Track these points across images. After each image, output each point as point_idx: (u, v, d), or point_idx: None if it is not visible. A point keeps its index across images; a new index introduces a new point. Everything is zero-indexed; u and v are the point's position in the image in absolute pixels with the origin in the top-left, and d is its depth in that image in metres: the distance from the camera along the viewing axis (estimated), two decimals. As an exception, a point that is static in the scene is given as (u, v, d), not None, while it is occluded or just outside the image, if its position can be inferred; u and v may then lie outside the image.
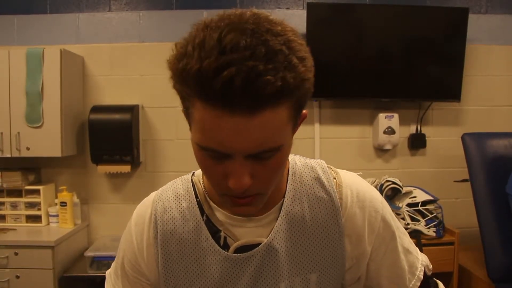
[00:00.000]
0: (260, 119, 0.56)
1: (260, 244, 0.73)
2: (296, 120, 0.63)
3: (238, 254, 0.73)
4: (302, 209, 0.75)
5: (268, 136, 0.58)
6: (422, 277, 0.81)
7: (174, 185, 0.81)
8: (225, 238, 0.74)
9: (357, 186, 0.79)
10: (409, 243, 0.82)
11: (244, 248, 0.73)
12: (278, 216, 0.75)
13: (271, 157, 0.61)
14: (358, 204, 0.77)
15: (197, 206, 0.77)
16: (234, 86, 0.52)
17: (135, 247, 0.79)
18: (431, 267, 0.84)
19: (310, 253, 0.75)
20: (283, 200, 0.75)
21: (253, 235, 0.74)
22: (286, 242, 0.74)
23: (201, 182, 0.80)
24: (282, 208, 0.75)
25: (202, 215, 0.76)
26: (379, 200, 0.79)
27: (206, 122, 0.57)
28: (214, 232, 0.75)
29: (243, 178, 0.60)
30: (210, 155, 0.61)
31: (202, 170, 0.66)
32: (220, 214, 0.76)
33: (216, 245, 0.74)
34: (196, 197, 0.78)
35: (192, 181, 0.80)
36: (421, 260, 0.82)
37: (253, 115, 0.55)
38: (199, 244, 0.75)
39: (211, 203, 0.77)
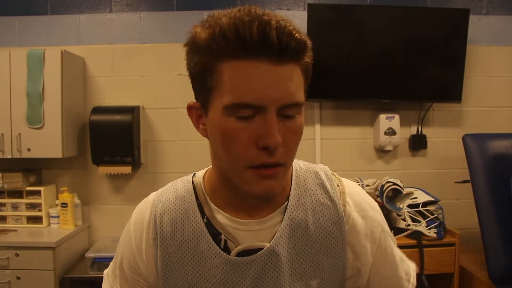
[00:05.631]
0: (286, 70, 0.62)
1: (262, 248, 0.73)
2: (304, 92, 0.67)
3: (240, 258, 0.73)
4: (306, 215, 0.75)
5: (294, 89, 0.63)
6: (415, 283, 0.82)
7: (175, 186, 0.81)
8: (225, 241, 0.74)
9: (359, 194, 0.80)
10: (399, 250, 0.84)
11: (246, 252, 0.73)
12: (281, 220, 0.74)
13: (295, 116, 0.65)
14: (361, 213, 0.77)
15: (197, 208, 0.76)
16: (269, 33, 0.59)
17: (134, 248, 0.78)
18: (416, 270, 0.86)
19: (312, 260, 0.74)
20: (287, 204, 0.75)
21: (254, 239, 0.73)
22: (289, 247, 0.73)
23: (202, 184, 0.79)
24: (286, 213, 0.74)
25: (203, 217, 0.75)
26: (379, 212, 0.81)
27: (238, 77, 0.61)
28: (215, 234, 0.74)
29: (277, 134, 0.62)
30: (240, 117, 0.62)
31: (225, 144, 0.65)
32: (221, 217, 0.75)
33: (217, 247, 0.73)
34: (197, 198, 0.77)
35: (193, 182, 0.80)
36: (412, 266, 0.85)
37: (282, 64, 0.61)
38: (200, 246, 0.74)
39: (212, 205, 0.76)
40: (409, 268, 0.83)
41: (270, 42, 0.59)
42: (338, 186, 0.78)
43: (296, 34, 0.61)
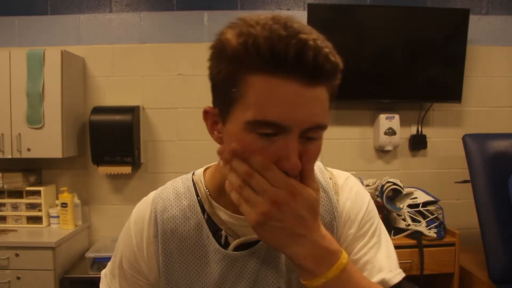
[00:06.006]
0: (316, 92, 0.60)
1: (260, 241, 0.73)
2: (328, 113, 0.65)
3: (239, 252, 0.74)
4: None
5: (320, 111, 0.61)
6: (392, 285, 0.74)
7: (174, 184, 0.82)
8: (226, 236, 0.75)
9: (351, 182, 0.82)
10: (389, 244, 0.78)
11: (245, 246, 0.74)
12: None
13: (316, 139, 0.63)
14: (350, 199, 0.79)
15: (198, 204, 0.77)
16: (306, 54, 0.56)
17: (135, 245, 0.79)
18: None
19: None
20: None
21: (254, 234, 0.74)
22: None
23: (202, 181, 0.80)
24: None
25: (203, 214, 0.76)
26: (368, 198, 0.81)
27: (266, 94, 0.58)
28: (215, 230, 0.75)
29: (297, 159, 0.60)
30: (262, 135, 0.60)
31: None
32: (222, 213, 0.76)
33: (216, 243, 0.74)
34: (197, 195, 0.78)
35: (192, 180, 0.81)
36: (400, 271, 0.76)
37: (314, 86, 0.59)
38: (200, 242, 0.76)
39: (213, 202, 0.77)
40: (395, 269, 0.75)
41: (306, 63, 0.57)
42: (331, 178, 0.81)
43: (331, 57, 0.59)
